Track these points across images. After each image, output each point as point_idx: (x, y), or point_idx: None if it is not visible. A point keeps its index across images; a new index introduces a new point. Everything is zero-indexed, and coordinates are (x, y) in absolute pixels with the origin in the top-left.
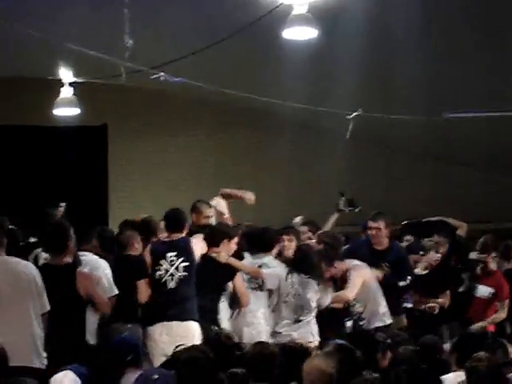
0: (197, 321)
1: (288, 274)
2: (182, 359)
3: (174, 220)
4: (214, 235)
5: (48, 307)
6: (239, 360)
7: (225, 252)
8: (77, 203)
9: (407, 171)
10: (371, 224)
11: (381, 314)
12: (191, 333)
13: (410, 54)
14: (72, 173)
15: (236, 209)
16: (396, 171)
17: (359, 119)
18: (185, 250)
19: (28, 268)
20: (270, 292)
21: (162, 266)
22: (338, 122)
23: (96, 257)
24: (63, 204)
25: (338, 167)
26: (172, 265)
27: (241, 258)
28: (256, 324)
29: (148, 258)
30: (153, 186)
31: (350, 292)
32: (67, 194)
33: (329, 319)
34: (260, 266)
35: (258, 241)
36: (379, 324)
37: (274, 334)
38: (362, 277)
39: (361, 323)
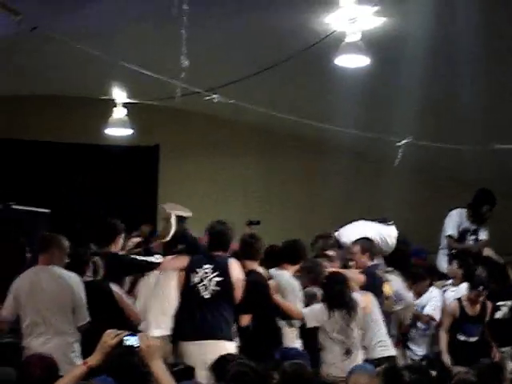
0: (231, 340)
1: (330, 310)
2: (231, 373)
3: (218, 237)
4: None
5: (87, 318)
6: None
7: None
8: (126, 223)
9: (455, 201)
10: None
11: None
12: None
13: (465, 84)
14: (122, 192)
15: (285, 234)
16: (443, 201)
17: (410, 147)
18: (221, 267)
19: (71, 279)
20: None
21: (197, 273)
22: (389, 149)
23: None
24: None
25: (389, 197)
26: (206, 276)
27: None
28: None
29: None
30: (202, 208)
31: None
32: (117, 213)
33: None
34: (269, 279)
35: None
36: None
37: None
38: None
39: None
